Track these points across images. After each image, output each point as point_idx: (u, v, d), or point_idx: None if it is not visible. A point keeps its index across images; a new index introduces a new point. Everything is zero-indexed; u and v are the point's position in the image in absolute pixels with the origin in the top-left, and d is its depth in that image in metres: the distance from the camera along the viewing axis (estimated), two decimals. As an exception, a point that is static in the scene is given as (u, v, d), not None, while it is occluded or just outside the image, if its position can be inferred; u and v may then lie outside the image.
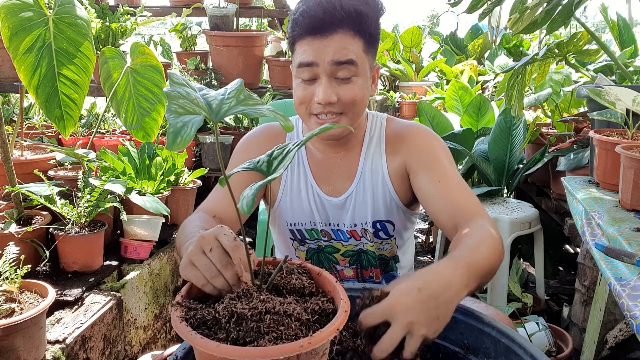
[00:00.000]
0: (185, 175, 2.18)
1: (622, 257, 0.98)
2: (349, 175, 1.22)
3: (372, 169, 1.21)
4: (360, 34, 1.07)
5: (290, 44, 1.14)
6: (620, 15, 3.03)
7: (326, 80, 1.07)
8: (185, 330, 0.63)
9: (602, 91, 1.39)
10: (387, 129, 1.24)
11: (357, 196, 1.21)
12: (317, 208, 1.24)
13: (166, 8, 4.04)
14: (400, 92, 5.94)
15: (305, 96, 1.10)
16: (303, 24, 1.06)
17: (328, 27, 1.05)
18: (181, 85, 0.64)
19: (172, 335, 2.05)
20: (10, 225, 1.57)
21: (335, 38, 1.05)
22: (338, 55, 1.05)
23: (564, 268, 2.85)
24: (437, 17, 11.80)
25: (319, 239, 1.28)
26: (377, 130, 1.24)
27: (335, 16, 1.04)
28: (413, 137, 1.20)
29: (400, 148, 1.20)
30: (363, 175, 1.21)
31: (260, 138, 1.27)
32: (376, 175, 1.21)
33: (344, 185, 1.23)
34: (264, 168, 0.70)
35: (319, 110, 1.09)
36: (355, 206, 1.22)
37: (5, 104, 3.61)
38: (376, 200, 1.21)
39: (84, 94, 1.61)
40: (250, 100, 0.66)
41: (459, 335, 0.89)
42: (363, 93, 1.11)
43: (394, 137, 1.22)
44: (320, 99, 1.07)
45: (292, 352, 0.60)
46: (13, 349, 1.17)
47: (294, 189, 1.24)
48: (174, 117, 0.59)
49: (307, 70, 1.08)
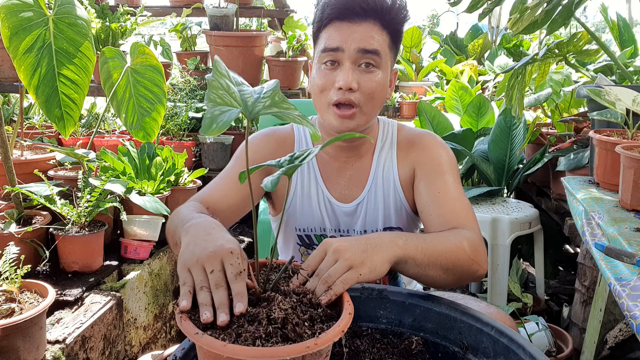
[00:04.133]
0: (185, 175, 2.18)
1: (622, 257, 0.98)
2: (361, 181, 1.22)
3: (384, 176, 1.21)
4: (387, 29, 1.09)
5: (316, 29, 1.13)
6: (620, 15, 3.03)
7: (349, 65, 1.07)
8: (190, 329, 0.63)
9: (602, 91, 1.39)
10: (399, 136, 1.24)
11: (368, 202, 1.21)
12: (328, 214, 1.23)
13: (166, 8, 4.04)
14: (400, 92, 5.94)
15: (327, 83, 1.09)
16: (335, 5, 1.07)
17: (359, 12, 1.06)
18: (222, 76, 0.66)
19: (172, 335, 2.05)
20: (10, 225, 1.57)
21: (364, 26, 1.07)
22: (365, 43, 1.06)
23: (564, 268, 2.85)
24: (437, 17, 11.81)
25: None
26: (389, 137, 1.24)
27: (368, 2, 1.05)
28: (423, 144, 1.20)
29: (411, 155, 1.20)
30: (375, 182, 1.21)
31: (267, 141, 1.25)
32: (387, 181, 1.20)
33: (355, 192, 1.22)
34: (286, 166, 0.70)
35: (339, 96, 1.08)
36: (367, 213, 1.21)
37: (5, 104, 3.61)
38: (387, 207, 1.21)
39: (84, 94, 1.60)
40: (284, 103, 0.67)
41: (458, 335, 0.88)
42: (382, 87, 1.11)
43: (405, 144, 1.22)
44: (342, 83, 1.06)
45: (298, 353, 0.60)
46: (13, 349, 1.18)
47: (304, 194, 1.23)
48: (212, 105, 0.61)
49: (331, 55, 1.08)
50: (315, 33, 1.14)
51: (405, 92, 5.96)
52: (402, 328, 0.92)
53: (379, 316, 0.96)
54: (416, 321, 0.91)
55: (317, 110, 1.17)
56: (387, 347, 0.89)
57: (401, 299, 0.93)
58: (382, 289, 0.98)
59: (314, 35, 1.15)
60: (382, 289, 0.98)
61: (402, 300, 0.93)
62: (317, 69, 1.12)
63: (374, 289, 0.98)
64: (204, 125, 0.59)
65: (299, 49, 3.73)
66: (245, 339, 0.62)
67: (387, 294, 0.97)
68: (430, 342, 0.89)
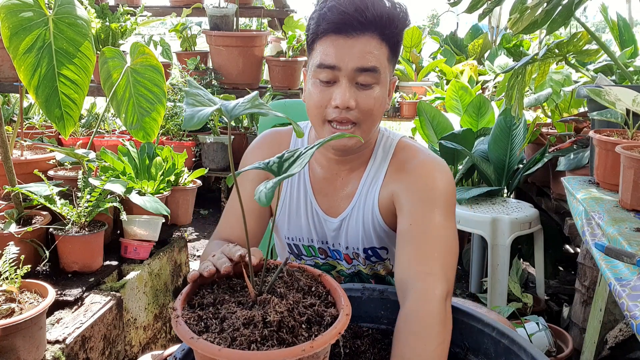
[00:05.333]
0: (185, 175, 2.18)
1: (622, 257, 0.98)
2: (348, 195, 1.16)
3: (366, 196, 1.14)
4: (386, 41, 1.03)
5: (311, 41, 1.07)
6: (620, 15, 3.03)
7: (346, 83, 1.02)
8: (185, 333, 0.63)
9: (602, 91, 1.39)
10: (395, 155, 1.15)
11: (350, 220, 1.16)
12: (315, 226, 1.19)
13: (166, 8, 4.05)
14: (401, 92, 5.94)
15: (322, 100, 1.04)
16: (331, 20, 1.00)
17: (356, 26, 0.99)
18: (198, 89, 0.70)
19: (172, 335, 2.05)
20: (10, 225, 1.57)
21: (362, 40, 1.00)
22: (362, 61, 1.00)
23: (564, 268, 2.85)
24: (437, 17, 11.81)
25: (315, 255, 1.25)
26: (384, 154, 1.16)
27: (366, 16, 0.99)
28: (418, 170, 1.10)
29: (399, 178, 1.11)
30: (359, 200, 1.15)
31: (267, 142, 1.24)
32: (368, 202, 1.14)
33: (341, 205, 1.17)
34: (275, 169, 0.70)
35: (335, 115, 1.03)
36: (349, 230, 1.16)
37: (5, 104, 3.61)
38: (367, 228, 1.14)
39: (84, 94, 1.60)
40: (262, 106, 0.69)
41: (459, 336, 0.88)
42: (381, 102, 1.05)
43: (397, 166, 1.13)
44: (339, 102, 1.01)
45: (294, 356, 0.60)
46: (13, 349, 1.18)
47: (292, 203, 1.20)
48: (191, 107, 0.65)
49: (327, 72, 1.02)
50: (310, 44, 1.08)
51: (405, 92, 5.96)
52: (403, 328, 0.92)
53: (380, 317, 0.96)
54: (416, 321, 0.91)
55: (312, 123, 1.12)
56: (388, 347, 0.89)
57: (402, 300, 0.93)
58: (384, 289, 0.98)
59: (309, 45, 1.09)
60: (384, 290, 0.98)
61: (402, 300, 0.93)
62: (313, 83, 1.06)
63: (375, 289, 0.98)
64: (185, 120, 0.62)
65: (299, 49, 3.73)
66: (241, 343, 0.62)
67: (389, 295, 0.97)
68: None
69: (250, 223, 1.14)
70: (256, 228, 1.19)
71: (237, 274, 0.78)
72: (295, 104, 1.78)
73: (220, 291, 0.73)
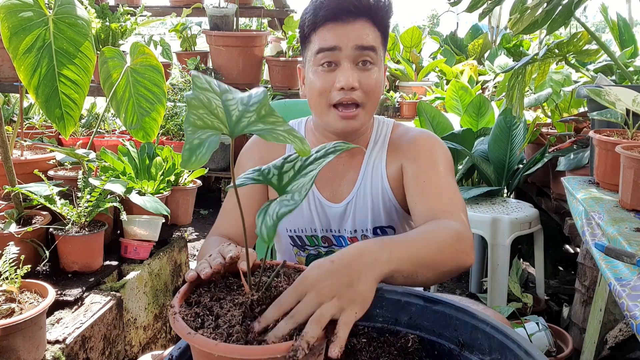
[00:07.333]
0: (185, 175, 2.18)
1: (622, 257, 0.98)
2: (351, 180, 1.20)
3: (372, 175, 1.19)
4: (378, 26, 1.10)
5: (307, 33, 1.12)
6: (620, 15, 3.03)
7: (348, 64, 1.07)
8: (183, 329, 0.63)
9: (602, 91, 1.39)
10: (392, 134, 1.22)
11: (357, 202, 1.19)
12: (318, 214, 1.22)
13: (166, 8, 4.05)
14: (400, 92, 5.94)
15: (326, 85, 1.08)
16: (329, 7, 1.07)
17: (351, 12, 1.07)
18: (204, 90, 0.59)
19: (172, 335, 2.05)
20: (10, 225, 1.57)
21: (357, 24, 1.08)
22: (362, 40, 1.07)
23: (564, 268, 2.85)
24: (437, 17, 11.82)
25: (319, 245, 1.26)
26: (382, 136, 1.22)
27: (361, 1, 1.06)
28: (416, 143, 1.18)
29: (401, 153, 1.18)
30: (364, 181, 1.19)
31: (262, 140, 1.25)
32: (376, 181, 1.19)
33: (345, 191, 1.20)
34: (275, 182, 0.68)
35: (340, 97, 1.08)
36: (356, 212, 1.19)
37: (5, 104, 3.61)
38: (376, 207, 1.19)
39: (84, 94, 1.60)
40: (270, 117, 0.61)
41: (454, 332, 0.88)
42: (380, 84, 1.12)
43: (397, 142, 1.20)
44: (343, 83, 1.06)
45: (289, 351, 0.60)
46: (13, 349, 1.18)
47: None
48: (191, 131, 0.56)
49: (328, 55, 1.08)
50: (305, 37, 1.13)
51: (405, 92, 5.96)
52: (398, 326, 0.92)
53: (375, 315, 0.96)
54: (412, 319, 0.91)
55: (314, 113, 1.16)
56: (384, 345, 0.89)
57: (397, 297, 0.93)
58: (379, 287, 0.98)
59: (303, 40, 1.14)
60: (378, 287, 0.98)
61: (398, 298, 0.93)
62: (314, 72, 1.10)
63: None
64: (183, 159, 0.55)
65: (298, 48, 3.73)
66: (237, 339, 0.62)
67: (383, 292, 0.97)
68: (426, 340, 0.89)
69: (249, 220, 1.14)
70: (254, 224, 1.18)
71: (234, 273, 0.78)
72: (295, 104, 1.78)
73: (217, 290, 0.74)
